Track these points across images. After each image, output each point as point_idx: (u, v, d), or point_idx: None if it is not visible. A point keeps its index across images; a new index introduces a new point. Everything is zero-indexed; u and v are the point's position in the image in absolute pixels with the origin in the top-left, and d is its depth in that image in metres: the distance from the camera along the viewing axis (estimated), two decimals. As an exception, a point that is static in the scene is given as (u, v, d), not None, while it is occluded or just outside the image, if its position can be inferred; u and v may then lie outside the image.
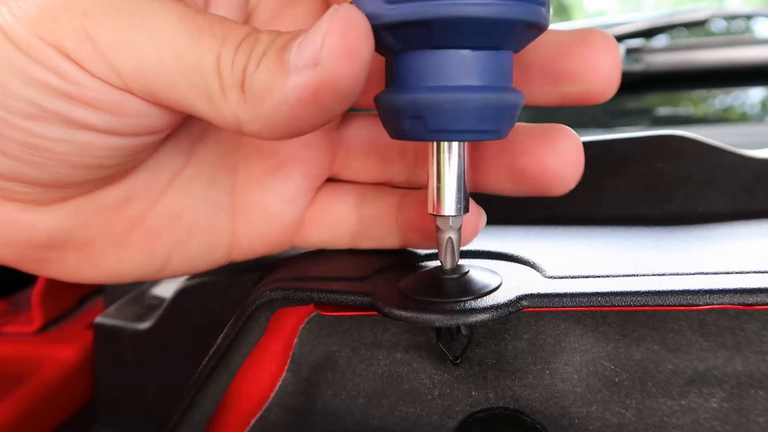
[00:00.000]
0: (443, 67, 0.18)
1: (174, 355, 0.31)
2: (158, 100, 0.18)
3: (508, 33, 0.17)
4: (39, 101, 0.17)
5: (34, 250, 0.21)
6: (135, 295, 0.38)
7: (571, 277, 0.21)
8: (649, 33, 0.82)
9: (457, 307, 0.19)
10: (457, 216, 0.20)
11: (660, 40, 0.83)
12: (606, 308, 0.20)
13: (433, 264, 0.23)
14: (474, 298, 0.20)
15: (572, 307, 0.20)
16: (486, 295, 0.20)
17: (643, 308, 0.20)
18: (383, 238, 0.25)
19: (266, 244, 0.25)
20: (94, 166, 0.19)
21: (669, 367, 0.22)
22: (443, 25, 0.16)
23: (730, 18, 0.95)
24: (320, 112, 0.17)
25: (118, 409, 0.34)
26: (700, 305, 0.19)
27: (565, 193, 0.22)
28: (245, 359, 0.25)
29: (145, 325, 0.33)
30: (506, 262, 0.24)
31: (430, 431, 0.23)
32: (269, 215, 0.25)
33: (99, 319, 0.35)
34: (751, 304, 0.19)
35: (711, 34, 0.94)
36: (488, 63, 0.18)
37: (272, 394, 0.25)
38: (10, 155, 0.18)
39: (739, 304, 0.19)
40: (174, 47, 0.17)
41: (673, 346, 0.22)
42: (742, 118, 0.72)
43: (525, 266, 0.23)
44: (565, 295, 0.20)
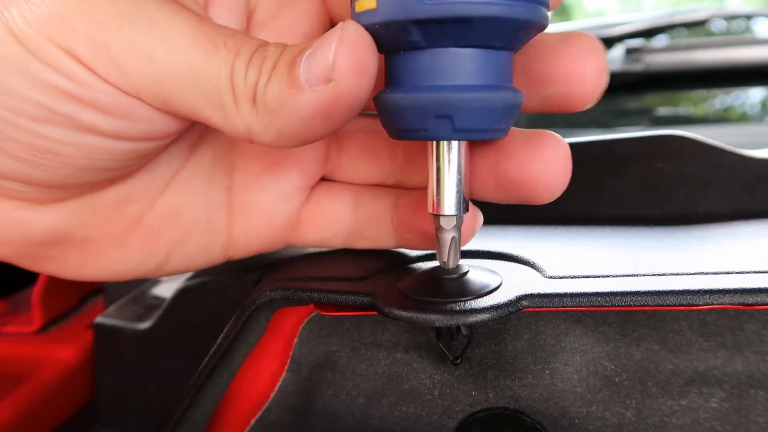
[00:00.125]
0: (444, 66, 0.18)
1: (174, 355, 0.31)
2: (170, 108, 0.18)
3: (525, 33, 0.18)
4: (47, 103, 0.17)
5: (31, 247, 0.21)
6: (135, 295, 0.38)
7: (571, 277, 0.21)
8: (649, 33, 0.82)
9: (457, 307, 0.19)
10: (456, 216, 0.20)
11: (660, 40, 0.83)
12: (606, 308, 0.20)
13: (433, 264, 0.23)
14: (474, 298, 0.20)
15: (572, 307, 0.20)
16: (486, 295, 0.20)
17: (643, 308, 0.20)
18: (379, 239, 0.25)
19: (262, 242, 0.25)
20: (97, 168, 0.19)
21: (669, 367, 0.22)
22: (480, 24, 0.16)
23: (730, 18, 0.95)
24: (331, 123, 0.18)
25: (118, 409, 0.34)
26: (700, 305, 0.19)
27: (550, 200, 0.21)
28: (245, 359, 0.25)
29: (145, 325, 0.33)
30: (506, 262, 0.24)
31: (430, 431, 0.23)
32: (265, 213, 0.25)
33: (99, 319, 0.35)
34: (751, 304, 0.19)
35: (711, 34, 0.94)
36: (505, 62, 0.18)
37: (272, 394, 0.25)
38: (15, 156, 0.18)
39: (739, 304, 0.19)
40: (189, 60, 0.17)
41: (673, 346, 0.22)
42: (742, 118, 0.72)
43: (525, 266, 0.23)
44: (565, 295, 0.20)
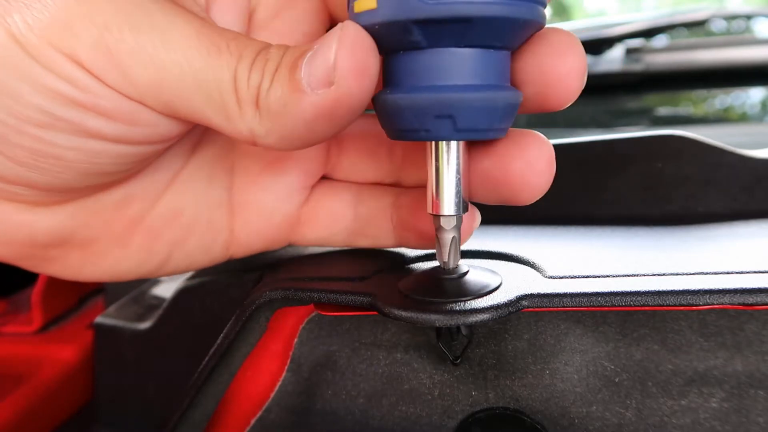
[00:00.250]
0: (442, 66, 0.18)
1: (174, 355, 0.31)
2: (173, 113, 0.18)
3: (524, 33, 0.18)
4: (50, 109, 0.17)
5: (33, 248, 0.21)
6: (135, 295, 0.38)
7: (571, 277, 0.21)
8: (649, 33, 0.82)
9: (457, 307, 0.19)
10: (456, 215, 0.20)
11: (660, 40, 0.83)
12: (606, 308, 0.20)
13: (433, 264, 0.23)
14: (474, 298, 0.20)
15: (572, 307, 0.20)
16: (486, 295, 0.20)
17: (643, 308, 0.20)
18: (378, 237, 0.25)
19: (263, 241, 0.25)
20: (100, 172, 0.19)
21: (669, 367, 0.22)
22: (481, 24, 0.16)
23: (730, 18, 0.95)
24: (333, 125, 0.18)
25: (118, 409, 0.34)
26: (700, 305, 0.19)
27: (532, 201, 0.20)
28: (245, 359, 0.25)
29: (145, 325, 0.33)
30: (506, 262, 0.24)
31: (430, 431, 0.23)
32: (265, 212, 0.25)
33: (99, 319, 0.35)
34: (751, 304, 0.19)
35: (711, 34, 0.94)
36: (505, 62, 0.18)
37: (272, 394, 0.25)
38: (17, 160, 0.18)
39: (739, 304, 0.19)
40: (192, 63, 0.17)
41: (673, 346, 0.22)
42: (742, 118, 0.72)
43: (525, 266, 0.23)
44: (565, 295, 0.20)
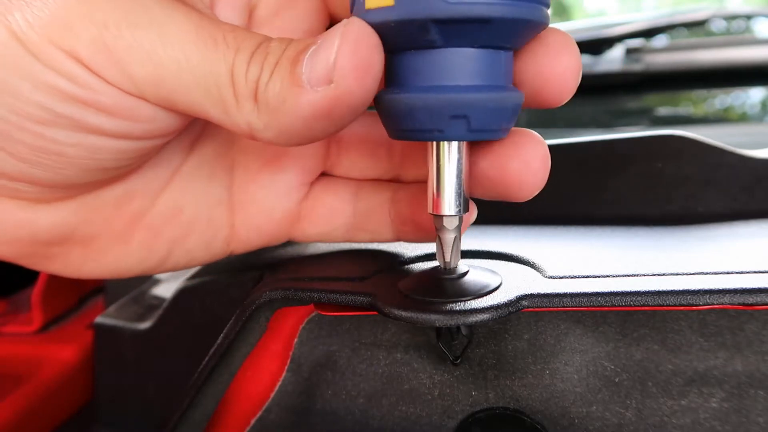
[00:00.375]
0: (444, 66, 0.18)
1: (174, 355, 0.31)
2: (172, 106, 0.18)
3: (508, 33, 0.18)
4: (50, 106, 0.17)
5: (35, 246, 0.21)
6: (135, 295, 0.38)
7: (571, 277, 0.21)
8: (649, 33, 0.82)
9: (457, 307, 0.19)
10: (456, 216, 0.20)
11: (660, 40, 0.83)
12: (606, 308, 0.20)
13: (433, 264, 0.23)
14: (474, 298, 0.20)
15: (572, 307, 0.20)
16: (486, 295, 0.20)
17: (643, 308, 0.20)
18: (377, 232, 0.25)
19: (263, 237, 0.25)
20: (100, 168, 0.19)
21: (669, 367, 0.22)
22: (498, 25, 0.16)
23: (730, 18, 0.95)
24: (332, 124, 0.18)
25: (118, 409, 0.34)
26: (700, 305, 0.19)
27: (528, 199, 0.21)
28: (245, 359, 0.25)
29: (145, 325, 0.33)
30: (506, 262, 0.24)
31: (430, 431, 0.23)
32: (265, 208, 0.25)
33: (99, 319, 0.35)
34: (751, 304, 0.19)
35: (711, 34, 0.94)
36: (510, 62, 0.19)
37: (272, 394, 0.25)
38: (18, 157, 0.18)
39: (739, 304, 0.19)
40: (189, 57, 0.17)
41: (673, 346, 0.22)
42: (742, 118, 0.72)
43: (525, 266, 0.23)
44: (565, 295, 0.20)
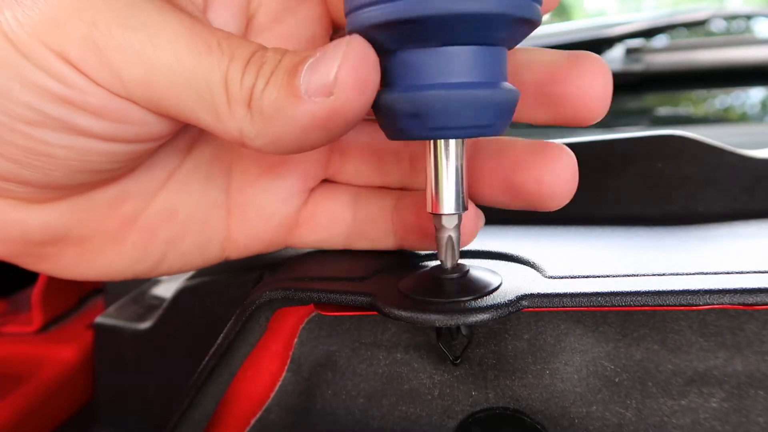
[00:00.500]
0: (438, 64, 0.18)
1: (174, 355, 0.31)
2: (162, 111, 0.18)
3: (500, 29, 0.17)
4: (39, 107, 0.17)
5: (28, 246, 0.21)
6: (135, 295, 0.38)
7: (571, 277, 0.21)
8: (649, 33, 0.82)
9: (457, 307, 0.19)
10: (456, 214, 0.20)
11: (660, 40, 0.83)
12: (606, 308, 0.20)
13: (433, 264, 0.23)
14: (474, 298, 0.20)
15: (572, 307, 0.20)
16: (486, 295, 0.20)
17: (643, 308, 0.20)
18: (379, 239, 0.25)
19: (260, 242, 0.25)
20: (91, 170, 0.19)
21: (669, 367, 0.22)
22: (436, 23, 0.16)
23: (730, 18, 0.95)
24: (327, 134, 0.18)
25: (118, 409, 0.34)
26: (700, 305, 0.19)
27: (558, 208, 0.22)
28: (245, 359, 0.25)
29: (145, 325, 0.33)
30: (506, 262, 0.24)
31: (430, 431, 0.23)
32: (263, 214, 0.25)
33: (99, 319, 0.35)
34: (751, 304, 0.19)
35: (711, 34, 0.94)
36: (482, 59, 0.18)
37: (272, 394, 0.25)
38: (8, 158, 0.18)
39: (739, 304, 0.19)
40: (182, 61, 0.17)
41: (673, 346, 0.22)
42: (742, 118, 0.72)
43: (525, 266, 0.23)
44: (565, 295, 0.20)
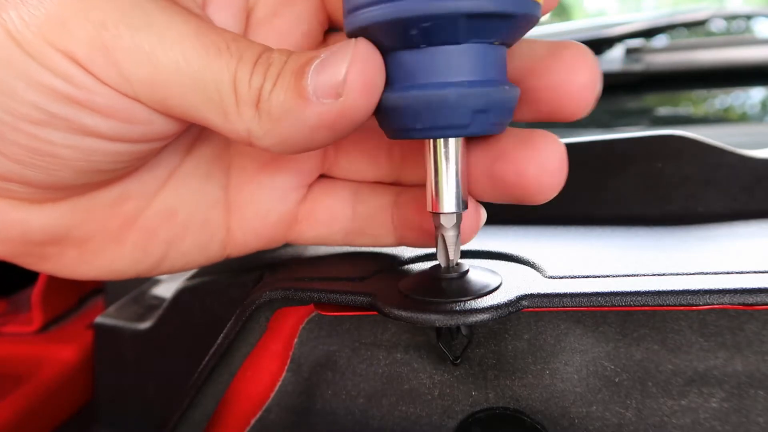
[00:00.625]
0: (438, 63, 0.18)
1: (174, 355, 0.31)
2: (169, 110, 0.18)
3: (499, 27, 0.17)
4: (45, 106, 0.17)
5: (29, 246, 0.21)
6: (135, 295, 0.38)
7: (571, 277, 0.21)
8: (649, 33, 0.82)
9: (457, 307, 0.19)
10: (456, 213, 0.20)
11: (660, 40, 0.83)
12: (606, 308, 0.20)
13: (433, 264, 0.23)
14: (474, 298, 0.20)
15: (572, 307, 0.20)
16: (486, 295, 0.20)
17: (643, 308, 0.20)
18: (378, 236, 0.25)
19: (260, 239, 0.25)
20: (96, 170, 0.19)
21: (669, 367, 0.22)
22: (436, 22, 0.16)
23: (730, 18, 0.95)
24: (333, 135, 0.18)
25: (118, 409, 0.34)
26: (700, 305, 0.19)
27: (546, 201, 0.20)
28: (245, 359, 0.25)
29: (145, 325, 0.33)
30: (506, 262, 0.24)
31: (430, 431, 0.23)
32: (262, 210, 0.25)
33: (99, 319, 0.35)
34: (751, 304, 0.19)
35: (711, 34, 0.94)
36: (480, 58, 0.18)
37: (272, 394, 0.25)
38: (12, 158, 0.18)
39: (739, 304, 0.19)
40: (189, 62, 0.17)
41: (673, 346, 0.22)
42: (742, 118, 0.72)
43: (525, 266, 0.23)
44: (565, 295, 0.20)
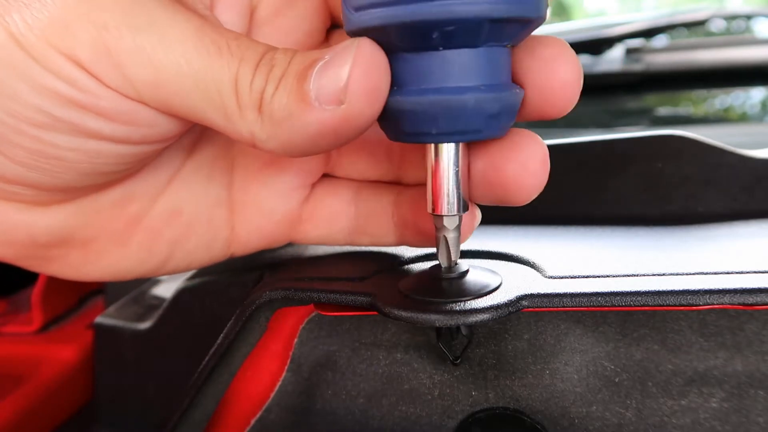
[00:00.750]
0: (442, 68, 0.17)
1: (174, 355, 0.31)
2: (171, 111, 0.18)
3: (503, 31, 0.17)
4: (49, 110, 0.17)
5: (33, 248, 0.21)
6: (135, 295, 0.38)
7: (571, 277, 0.21)
8: (649, 33, 0.82)
9: (457, 307, 0.19)
10: (456, 215, 0.20)
11: (660, 40, 0.83)
12: (606, 308, 0.20)
13: (433, 264, 0.23)
14: (474, 298, 0.20)
15: (572, 307, 0.20)
16: (486, 295, 0.20)
17: (643, 308, 0.20)
18: (380, 235, 0.25)
19: (264, 239, 0.25)
20: (100, 172, 0.19)
21: (669, 367, 0.22)
22: (440, 26, 0.16)
23: (730, 18, 0.95)
24: (337, 140, 0.18)
25: (118, 409, 0.34)
26: (700, 305, 0.19)
27: (527, 202, 0.20)
28: (245, 359, 0.25)
29: (145, 325, 0.33)
30: (506, 262, 0.24)
31: (430, 431, 0.23)
32: (265, 210, 0.25)
33: (99, 319, 0.35)
34: (751, 304, 0.19)
35: (711, 34, 0.94)
36: (485, 62, 0.18)
37: (272, 394, 0.25)
38: (17, 161, 0.18)
39: (739, 304, 0.19)
40: (190, 62, 0.17)
41: (673, 346, 0.22)
42: (742, 118, 0.72)
43: (525, 266, 0.23)
44: (565, 295, 0.20)
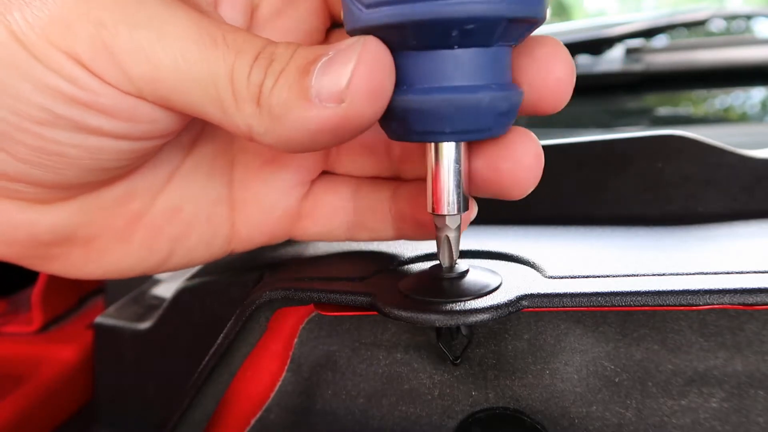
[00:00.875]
0: (444, 67, 0.17)
1: (174, 355, 0.31)
2: (170, 106, 0.18)
3: (506, 30, 0.17)
4: (50, 107, 0.17)
5: (35, 247, 0.21)
6: (135, 295, 0.38)
7: (571, 277, 0.21)
8: (649, 33, 0.82)
9: (457, 307, 0.19)
10: (456, 215, 0.20)
11: (660, 40, 0.83)
12: (606, 308, 0.20)
13: (433, 264, 0.23)
14: (474, 298, 0.20)
15: (572, 307, 0.20)
16: (486, 295, 0.20)
17: (643, 308, 0.20)
18: (378, 230, 0.25)
19: (264, 235, 0.25)
20: (101, 168, 0.19)
21: (669, 367, 0.22)
22: (443, 26, 0.16)
23: (730, 18, 0.95)
24: (337, 139, 0.17)
25: (118, 409, 0.34)
26: (700, 305, 0.19)
27: (522, 197, 0.20)
28: (245, 359, 0.25)
29: (145, 325, 0.33)
30: (506, 262, 0.24)
31: (430, 431, 0.23)
32: (265, 206, 0.25)
33: (99, 319, 0.35)
34: (751, 304, 0.19)
35: (711, 34, 0.94)
36: (486, 61, 0.18)
37: (272, 394, 0.25)
38: (19, 158, 0.18)
39: (739, 304, 0.19)
40: (186, 56, 0.17)
41: (673, 346, 0.22)
42: (742, 118, 0.72)
43: (525, 266, 0.23)
44: (565, 295, 0.20)
